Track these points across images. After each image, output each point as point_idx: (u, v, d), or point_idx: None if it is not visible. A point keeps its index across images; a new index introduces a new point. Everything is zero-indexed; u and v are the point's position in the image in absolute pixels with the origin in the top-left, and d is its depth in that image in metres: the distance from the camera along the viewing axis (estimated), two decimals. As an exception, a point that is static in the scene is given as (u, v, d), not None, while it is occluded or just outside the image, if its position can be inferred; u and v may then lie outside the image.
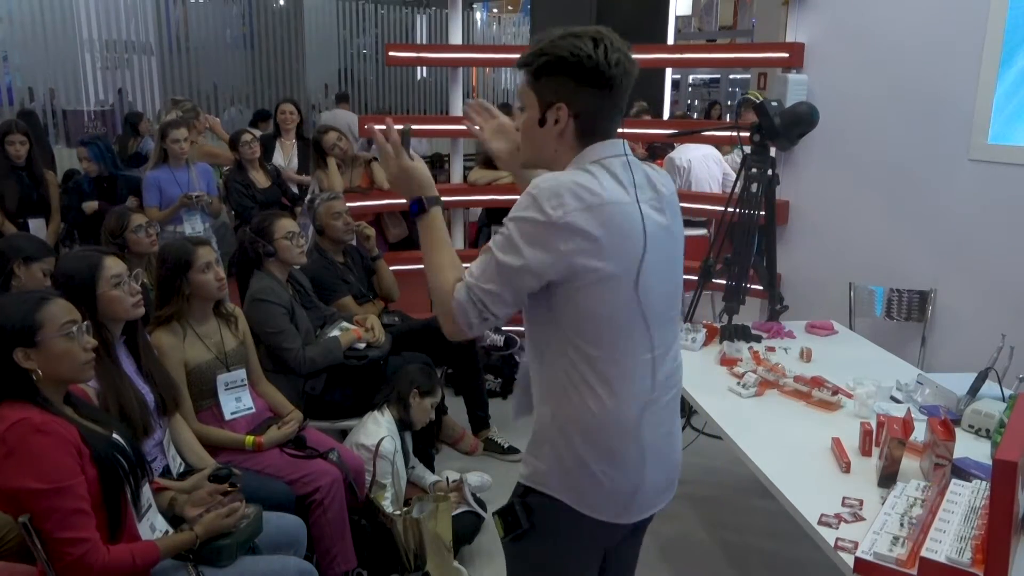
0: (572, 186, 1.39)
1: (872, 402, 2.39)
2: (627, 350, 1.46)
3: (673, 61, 7.38)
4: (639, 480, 1.52)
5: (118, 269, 2.21)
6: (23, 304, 1.77)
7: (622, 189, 1.44)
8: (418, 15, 11.33)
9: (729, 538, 3.11)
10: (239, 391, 2.65)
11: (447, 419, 3.75)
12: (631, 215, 1.43)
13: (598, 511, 1.51)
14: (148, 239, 3.38)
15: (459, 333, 1.46)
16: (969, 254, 3.29)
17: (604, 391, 1.45)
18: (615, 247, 1.41)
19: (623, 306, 1.44)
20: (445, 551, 2.69)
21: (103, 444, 1.78)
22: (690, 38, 12.23)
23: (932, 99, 3.38)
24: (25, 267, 2.68)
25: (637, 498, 1.53)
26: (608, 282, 1.41)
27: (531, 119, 1.50)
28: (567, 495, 1.50)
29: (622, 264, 1.42)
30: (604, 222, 1.39)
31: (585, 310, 1.43)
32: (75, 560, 1.67)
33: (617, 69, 1.43)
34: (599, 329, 1.44)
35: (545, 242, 1.38)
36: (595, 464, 1.48)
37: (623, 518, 1.54)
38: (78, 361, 1.80)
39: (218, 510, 2.00)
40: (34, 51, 7.81)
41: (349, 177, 4.80)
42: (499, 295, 1.41)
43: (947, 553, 1.52)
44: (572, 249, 1.38)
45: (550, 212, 1.37)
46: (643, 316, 1.46)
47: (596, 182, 1.42)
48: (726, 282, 3.20)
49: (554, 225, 1.37)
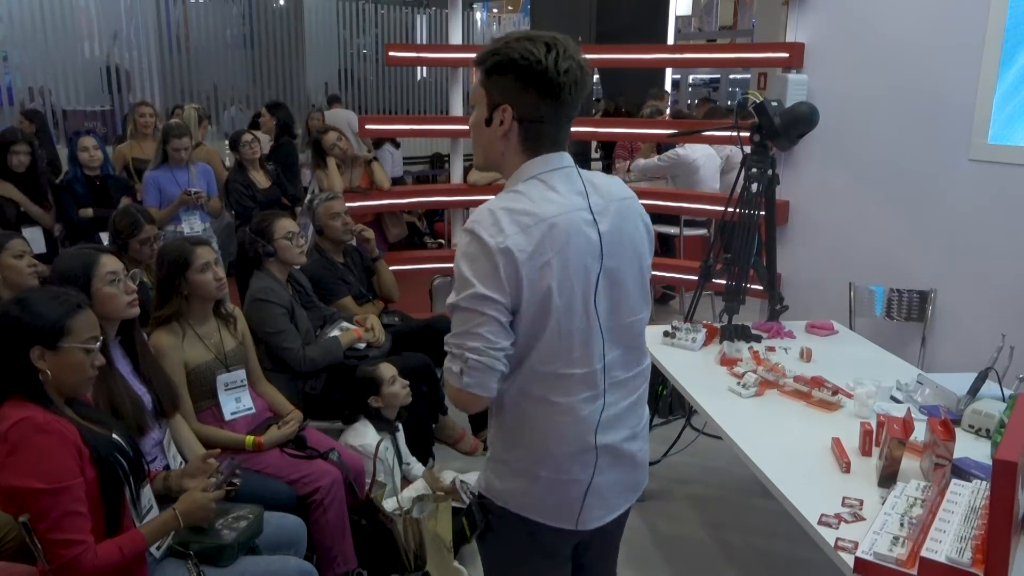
0: (506, 212, 1.40)
1: (872, 402, 2.39)
2: (573, 361, 1.46)
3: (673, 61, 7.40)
4: (587, 483, 1.51)
5: (114, 267, 2.21)
6: (58, 306, 1.78)
7: (557, 203, 1.43)
8: (418, 15, 11.33)
9: (729, 538, 3.11)
10: (239, 391, 2.65)
11: (447, 419, 3.75)
12: (572, 227, 1.42)
13: (548, 517, 1.53)
14: (150, 251, 3.32)
15: (472, 400, 1.44)
16: (969, 254, 3.29)
17: (539, 400, 1.47)
18: (557, 264, 1.40)
19: (572, 318, 1.44)
20: (445, 551, 2.69)
21: (103, 445, 1.78)
22: (690, 38, 12.24)
23: (932, 99, 3.38)
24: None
25: (585, 502, 1.52)
26: (550, 298, 1.41)
27: (479, 118, 1.49)
28: (513, 501, 1.53)
29: (566, 278, 1.42)
30: (538, 240, 1.39)
31: (531, 327, 1.42)
32: (68, 562, 1.67)
33: (566, 77, 1.41)
34: (543, 344, 1.43)
35: (487, 267, 1.37)
36: (530, 465, 1.50)
37: (573, 524, 1.53)
38: (84, 376, 1.81)
39: (191, 486, 1.98)
40: (34, 51, 7.80)
41: (349, 177, 4.80)
42: (471, 332, 1.39)
43: (947, 553, 1.52)
44: (511, 273, 1.37)
45: (489, 240, 1.37)
46: (594, 325, 1.47)
47: (528, 201, 1.42)
48: (726, 282, 3.20)
49: (494, 250, 1.37)
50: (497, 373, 1.42)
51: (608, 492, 1.55)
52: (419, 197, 5.29)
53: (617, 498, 1.59)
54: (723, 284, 3.24)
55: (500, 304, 1.38)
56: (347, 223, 3.72)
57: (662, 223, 5.75)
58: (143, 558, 1.86)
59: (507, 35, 1.46)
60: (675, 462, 3.47)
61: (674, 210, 4.95)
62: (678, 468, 3.52)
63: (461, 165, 5.13)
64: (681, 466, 3.52)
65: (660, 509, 3.28)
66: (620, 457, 1.55)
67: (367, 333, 3.38)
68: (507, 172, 1.50)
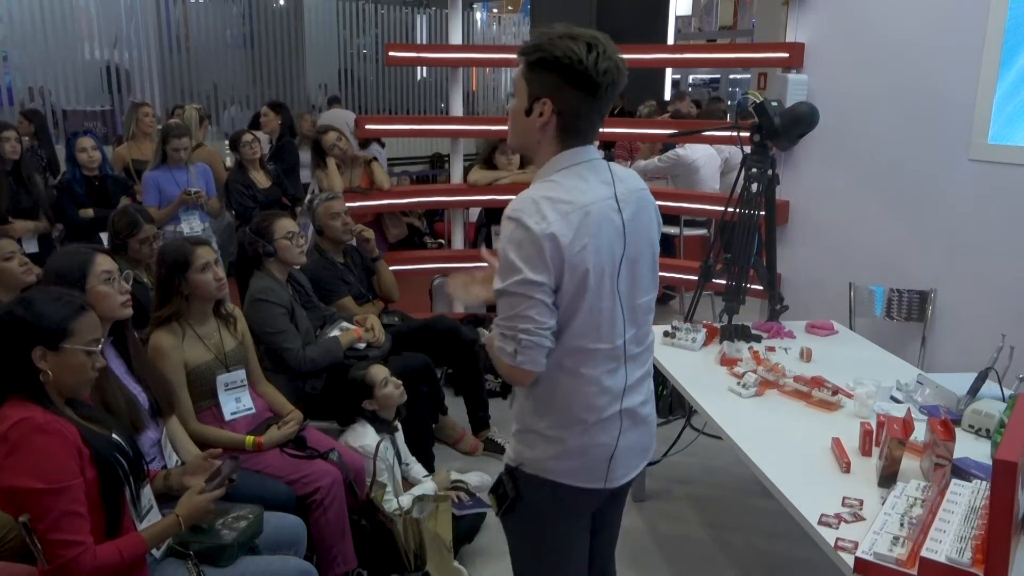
0: (547, 200, 1.52)
1: (872, 402, 2.39)
2: (601, 337, 1.59)
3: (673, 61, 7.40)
4: (613, 446, 1.65)
5: (108, 266, 2.21)
6: (62, 307, 1.78)
7: (589, 192, 1.56)
8: (418, 15, 11.32)
9: (729, 538, 3.11)
10: (239, 391, 2.65)
11: (447, 419, 3.75)
12: (603, 213, 1.56)
13: (570, 478, 1.65)
14: (149, 251, 3.31)
15: (525, 375, 1.59)
16: (969, 254, 3.29)
17: (569, 372, 1.60)
18: (592, 247, 1.53)
19: (602, 298, 1.57)
20: (445, 551, 2.69)
21: (104, 445, 1.78)
22: (690, 38, 12.24)
23: (932, 99, 3.38)
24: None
25: (612, 463, 1.66)
26: (587, 279, 1.53)
27: (519, 107, 1.59)
28: (544, 467, 1.65)
29: (600, 261, 1.55)
30: (577, 225, 1.51)
31: (568, 306, 1.55)
32: (67, 563, 1.67)
33: (605, 77, 1.51)
34: (577, 321, 1.56)
35: (535, 252, 1.49)
36: (558, 432, 1.63)
37: (603, 483, 1.67)
38: (85, 377, 1.81)
39: (192, 488, 1.98)
40: (34, 51, 7.80)
41: (349, 177, 4.80)
42: (521, 315, 1.52)
43: (947, 553, 1.52)
44: (556, 256, 1.50)
45: (534, 227, 1.49)
46: (619, 303, 1.61)
47: (564, 190, 1.54)
48: (726, 282, 3.20)
49: (541, 236, 1.49)
50: (545, 349, 1.55)
51: (629, 453, 1.70)
52: (419, 197, 5.29)
53: (636, 459, 1.74)
54: (723, 284, 3.24)
55: (546, 286, 1.51)
56: (347, 223, 3.72)
57: (662, 223, 5.72)
58: (143, 560, 1.86)
59: (551, 30, 1.55)
60: (675, 462, 3.47)
61: (674, 210, 4.95)
62: (678, 468, 3.52)
63: (461, 165, 5.13)
64: (681, 466, 3.52)
65: (660, 509, 3.28)
66: (637, 421, 1.70)
67: (367, 333, 3.38)
68: (540, 160, 1.62)
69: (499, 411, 3.90)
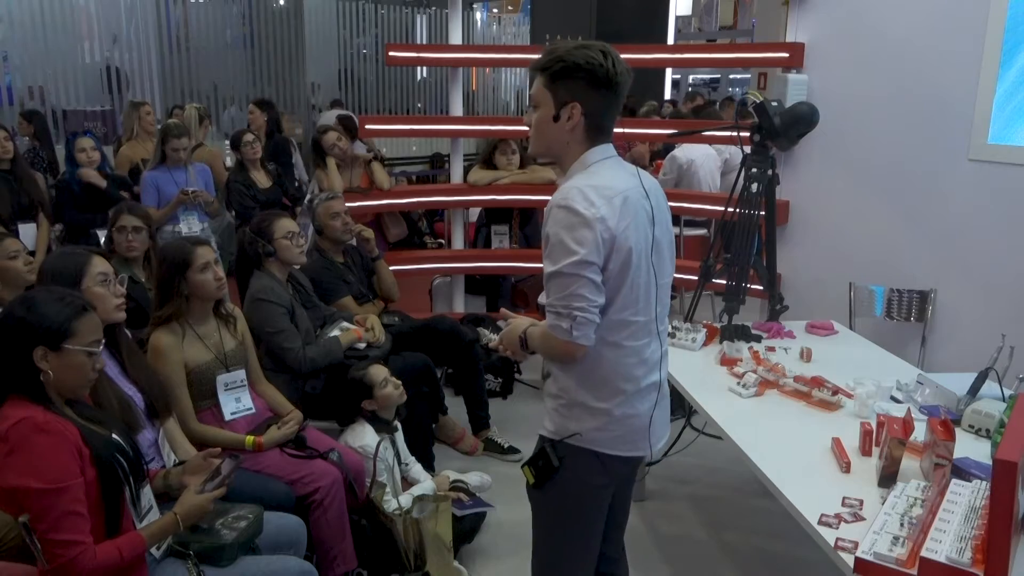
0: (591, 188, 1.68)
1: (872, 402, 2.39)
2: (639, 310, 1.75)
3: (673, 61, 7.41)
4: (650, 414, 1.82)
5: (104, 268, 2.22)
6: (64, 308, 1.78)
7: (623, 180, 1.75)
8: (418, 15, 11.31)
9: (729, 538, 3.11)
10: (239, 391, 2.65)
11: (447, 419, 3.75)
12: (637, 199, 1.74)
13: (613, 447, 1.79)
14: (126, 242, 3.24)
15: (579, 350, 1.71)
16: (969, 254, 3.29)
17: (612, 344, 1.74)
18: (632, 227, 1.70)
19: (640, 273, 1.73)
20: (445, 551, 2.69)
21: (104, 445, 1.78)
22: (690, 38, 12.24)
23: (932, 99, 3.38)
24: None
25: (650, 431, 1.83)
26: (631, 256, 1.70)
27: (545, 116, 1.75)
28: (588, 438, 1.78)
29: (639, 240, 1.72)
30: (619, 209, 1.68)
31: (615, 281, 1.71)
32: (67, 562, 1.67)
33: (621, 77, 1.71)
34: (621, 296, 1.72)
35: (588, 235, 1.65)
36: (603, 403, 1.77)
37: (641, 450, 1.84)
38: (85, 378, 1.82)
39: (190, 487, 1.98)
40: (34, 51, 7.80)
41: (349, 177, 4.80)
42: (575, 294, 1.67)
43: (947, 553, 1.52)
44: (607, 237, 1.66)
45: (584, 212, 1.65)
46: (654, 278, 1.77)
47: (603, 179, 1.71)
48: (726, 282, 3.20)
49: (592, 220, 1.65)
50: (595, 324, 1.70)
51: (660, 422, 1.87)
52: (419, 197, 5.29)
53: (663, 428, 1.91)
54: (723, 284, 3.24)
55: (596, 266, 1.67)
56: (347, 223, 3.72)
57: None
58: (143, 559, 1.86)
59: (561, 44, 1.73)
60: (675, 462, 3.47)
61: (674, 210, 4.90)
62: (678, 468, 3.52)
63: (461, 165, 5.13)
64: (681, 466, 3.52)
65: (660, 509, 3.28)
66: (664, 393, 1.89)
67: (367, 333, 3.38)
68: (568, 160, 1.79)
69: (499, 411, 3.90)
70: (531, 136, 1.82)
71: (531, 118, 1.80)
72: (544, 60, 1.74)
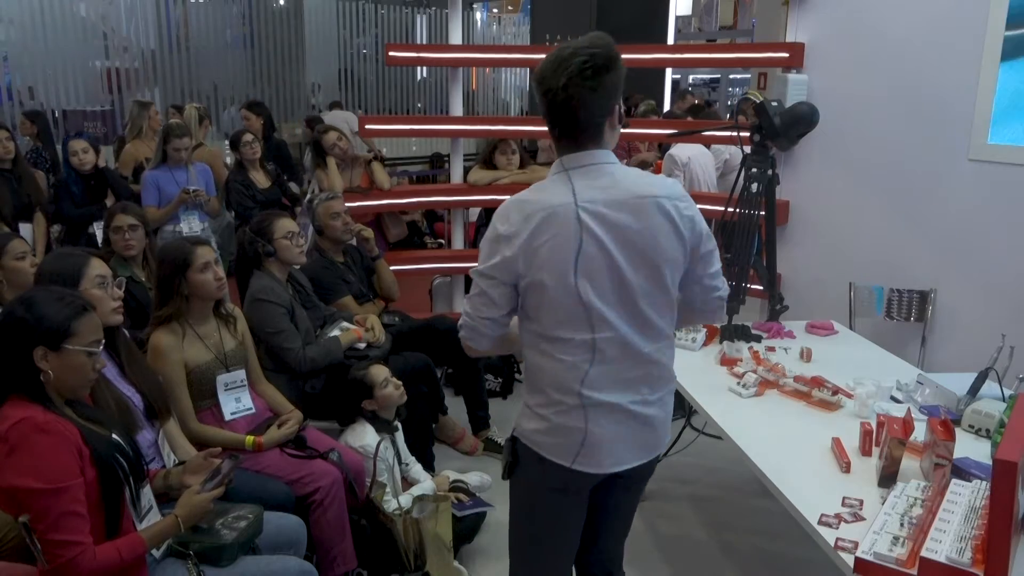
0: (517, 203, 1.68)
1: (872, 402, 2.39)
2: (574, 329, 1.69)
3: (673, 61, 7.38)
4: (584, 432, 1.72)
5: (103, 271, 2.22)
6: (64, 308, 1.78)
7: (560, 195, 1.66)
8: (418, 15, 11.31)
9: (729, 538, 3.11)
10: (239, 391, 2.65)
11: (447, 419, 3.75)
12: (568, 216, 1.64)
13: (554, 454, 1.76)
14: (123, 241, 3.26)
15: (466, 347, 1.82)
16: (969, 254, 3.29)
17: (547, 356, 1.72)
18: (550, 247, 1.64)
19: (562, 293, 1.66)
20: (445, 551, 2.69)
21: (104, 445, 1.78)
22: (690, 38, 12.23)
23: (932, 99, 3.38)
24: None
25: (586, 449, 1.73)
26: (544, 274, 1.65)
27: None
28: (529, 439, 1.79)
29: (561, 259, 1.64)
30: (535, 227, 1.63)
31: (531, 298, 1.70)
32: (66, 563, 1.67)
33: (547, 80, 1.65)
34: (543, 313, 1.70)
35: (496, 250, 1.68)
36: (542, 409, 1.75)
37: (581, 466, 1.75)
38: (86, 378, 1.82)
39: (191, 488, 1.98)
40: (34, 51, 7.80)
41: (349, 177, 4.80)
42: (470, 299, 1.75)
43: (947, 553, 1.52)
44: (509, 256, 1.65)
45: (499, 228, 1.67)
46: (582, 302, 1.66)
47: (536, 192, 1.69)
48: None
49: (501, 237, 1.67)
50: (485, 337, 1.75)
51: (614, 442, 1.75)
52: (419, 197, 5.29)
53: (626, 451, 1.78)
54: (723, 284, 3.23)
55: (495, 280, 1.70)
56: (347, 223, 3.72)
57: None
58: (143, 560, 1.86)
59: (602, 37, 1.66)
60: (675, 462, 3.47)
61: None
62: (678, 468, 3.52)
63: (461, 165, 5.12)
64: (681, 466, 3.52)
65: (660, 509, 3.28)
66: (628, 416, 1.75)
67: (367, 333, 3.38)
68: None
69: (499, 411, 3.90)
70: None
71: None
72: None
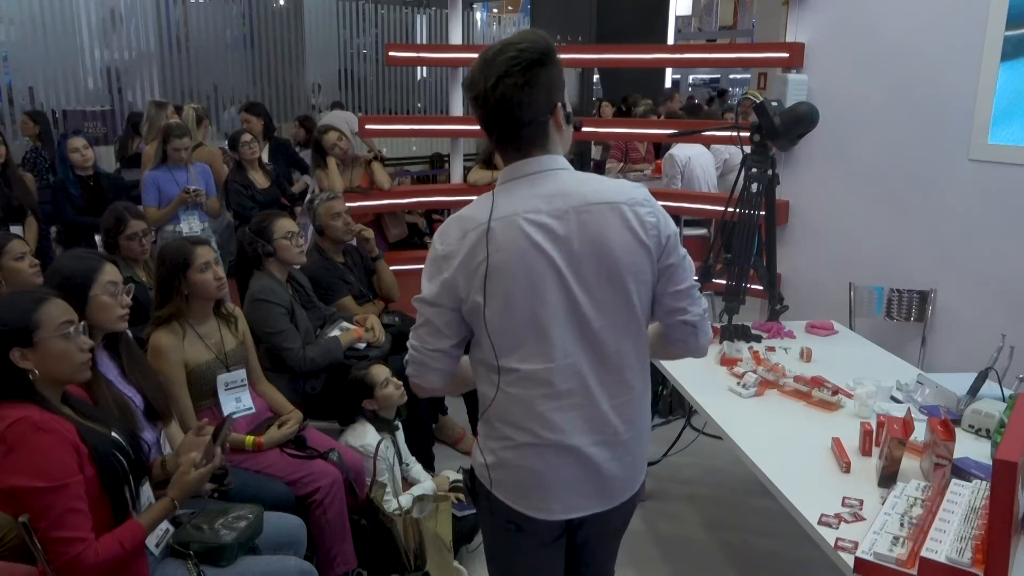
0: (457, 219, 1.52)
1: (872, 402, 2.39)
2: (524, 358, 1.50)
3: (673, 61, 7.40)
4: (540, 474, 1.54)
5: (115, 277, 2.21)
6: (20, 304, 1.77)
7: (503, 205, 1.48)
8: (418, 15, 11.31)
9: (729, 538, 3.11)
10: (239, 391, 2.65)
11: (447, 419, 3.75)
12: (515, 229, 1.46)
13: (508, 496, 1.57)
14: (140, 248, 3.33)
15: (414, 386, 1.63)
16: (969, 254, 3.29)
17: (494, 386, 1.54)
18: (494, 262, 1.46)
19: (505, 318, 1.48)
20: (445, 551, 2.69)
21: (102, 442, 1.78)
22: (690, 38, 12.24)
23: (932, 99, 3.38)
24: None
25: (541, 491, 1.55)
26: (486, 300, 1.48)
27: None
28: (478, 470, 1.62)
29: (511, 275, 1.46)
30: (473, 244, 1.47)
31: (475, 323, 1.52)
32: (70, 560, 1.67)
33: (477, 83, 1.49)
34: (484, 339, 1.52)
35: (435, 272, 1.52)
36: (491, 442, 1.58)
37: (528, 510, 1.56)
38: (75, 361, 1.80)
39: (183, 465, 1.94)
40: (34, 51, 7.80)
41: (349, 177, 4.80)
42: (415, 330, 1.58)
43: (947, 553, 1.52)
44: (454, 276, 1.49)
45: (437, 247, 1.53)
46: (530, 327, 1.49)
47: (480, 208, 1.49)
48: (726, 282, 3.20)
49: (439, 258, 1.52)
50: (435, 370, 1.57)
51: (564, 489, 1.55)
52: (419, 197, 5.29)
53: (576, 498, 1.57)
54: (723, 284, 3.24)
55: (439, 307, 1.55)
56: (347, 223, 3.72)
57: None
58: (143, 552, 1.86)
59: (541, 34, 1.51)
60: (675, 462, 3.47)
61: (674, 210, 4.95)
62: (678, 468, 3.52)
63: (461, 165, 5.13)
64: (681, 466, 3.52)
65: (660, 509, 3.28)
66: (580, 460, 1.54)
67: (367, 333, 3.38)
68: None
69: (499, 411, 3.89)
70: None
71: None
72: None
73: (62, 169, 4.51)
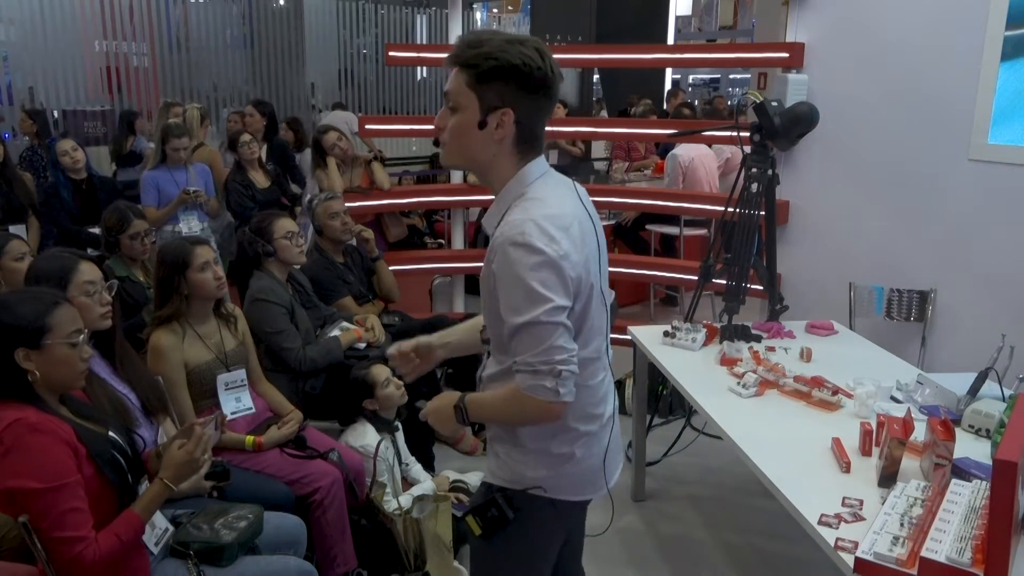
0: (545, 219, 1.43)
1: (872, 402, 2.39)
2: (595, 346, 1.59)
3: (673, 61, 7.40)
4: (605, 450, 1.65)
5: (92, 276, 2.19)
6: (36, 305, 1.77)
7: (569, 202, 1.54)
8: (418, 15, 11.31)
9: (729, 538, 3.11)
10: (239, 391, 2.65)
11: (447, 419, 3.74)
12: (585, 222, 1.55)
13: (574, 493, 1.64)
14: (141, 247, 3.34)
15: (558, 409, 1.48)
16: (969, 254, 3.29)
17: (581, 387, 1.52)
18: (590, 258, 1.53)
19: (596, 305, 1.57)
20: (445, 551, 2.69)
21: (99, 442, 1.78)
22: (690, 38, 12.25)
23: (932, 99, 3.38)
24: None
25: (606, 466, 1.66)
26: (592, 291, 1.53)
27: (468, 121, 1.47)
28: (547, 485, 1.59)
29: (595, 270, 1.55)
30: (577, 240, 1.49)
31: (578, 320, 1.52)
32: (72, 558, 1.67)
33: (557, 79, 1.49)
34: (582, 335, 1.53)
35: (555, 276, 1.43)
36: (563, 448, 1.59)
37: (599, 489, 1.67)
38: (75, 370, 1.80)
39: (172, 450, 1.91)
40: (34, 51, 7.80)
41: (349, 177, 4.80)
42: (554, 346, 1.43)
43: (947, 553, 1.52)
44: (573, 276, 1.46)
45: (547, 249, 1.41)
46: (604, 305, 1.60)
47: (554, 205, 1.48)
48: (726, 282, 3.20)
49: (556, 259, 1.42)
50: (576, 376, 1.47)
51: (615, 451, 1.71)
52: (419, 197, 5.29)
53: (618, 457, 1.75)
54: (723, 284, 3.24)
55: (568, 308, 1.46)
56: (345, 223, 3.72)
57: (662, 223, 5.75)
58: (143, 547, 1.86)
59: (491, 35, 1.46)
60: (675, 462, 3.47)
61: (674, 210, 4.95)
62: (678, 468, 3.52)
63: (461, 165, 5.12)
64: (681, 466, 3.52)
65: (660, 509, 3.28)
66: (616, 420, 1.70)
67: (367, 333, 3.38)
68: (495, 174, 1.53)
69: (499, 411, 3.89)
70: (445, 142, 1.52)
71: (446, 121, 1.50)
72: (471, 55, 1.45)
73: (53, 173, 4.42)
